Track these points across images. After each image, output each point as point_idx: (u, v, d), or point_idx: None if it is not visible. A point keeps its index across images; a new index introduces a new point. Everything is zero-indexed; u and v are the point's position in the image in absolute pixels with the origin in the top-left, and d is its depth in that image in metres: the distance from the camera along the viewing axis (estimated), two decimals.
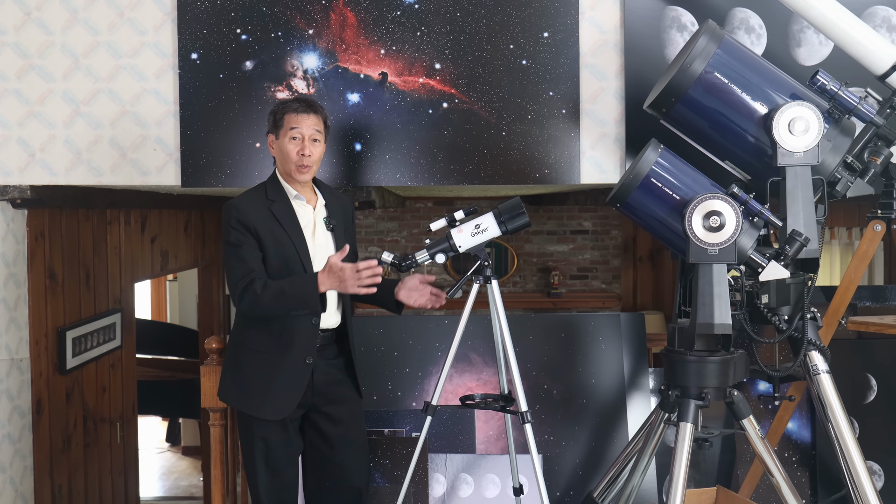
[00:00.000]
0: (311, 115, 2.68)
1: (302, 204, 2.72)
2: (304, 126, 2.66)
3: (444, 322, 3.43)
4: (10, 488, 3.57)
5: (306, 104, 2.70)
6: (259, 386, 2.67)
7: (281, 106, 2.71)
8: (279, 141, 2.69)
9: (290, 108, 2.68)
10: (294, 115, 2.67)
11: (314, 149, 2.68)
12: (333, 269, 2.55)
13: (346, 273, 2.53)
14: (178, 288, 9.57)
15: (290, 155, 2.66)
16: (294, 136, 2.66)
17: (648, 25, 3.26)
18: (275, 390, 2.66)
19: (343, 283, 2.54)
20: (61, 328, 3.92)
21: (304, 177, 2.68)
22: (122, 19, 3.31)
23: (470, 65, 3.29)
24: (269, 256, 2.65)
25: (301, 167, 2.66)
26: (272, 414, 2.67)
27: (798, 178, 2.44)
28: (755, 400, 3.33)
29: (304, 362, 2.67)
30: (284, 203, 2.69)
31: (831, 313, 2.86)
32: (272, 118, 2.72)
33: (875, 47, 2.64)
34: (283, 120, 2.68)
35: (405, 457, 3.21)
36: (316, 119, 2.69)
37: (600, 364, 3.38)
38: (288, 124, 2.67)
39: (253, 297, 2.57)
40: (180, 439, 8.00)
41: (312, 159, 2.67)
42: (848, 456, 2.55)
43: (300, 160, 2.66)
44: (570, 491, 3.30)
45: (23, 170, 3.36)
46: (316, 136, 2.68)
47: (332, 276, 2.55)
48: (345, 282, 2.54)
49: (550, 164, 3.32)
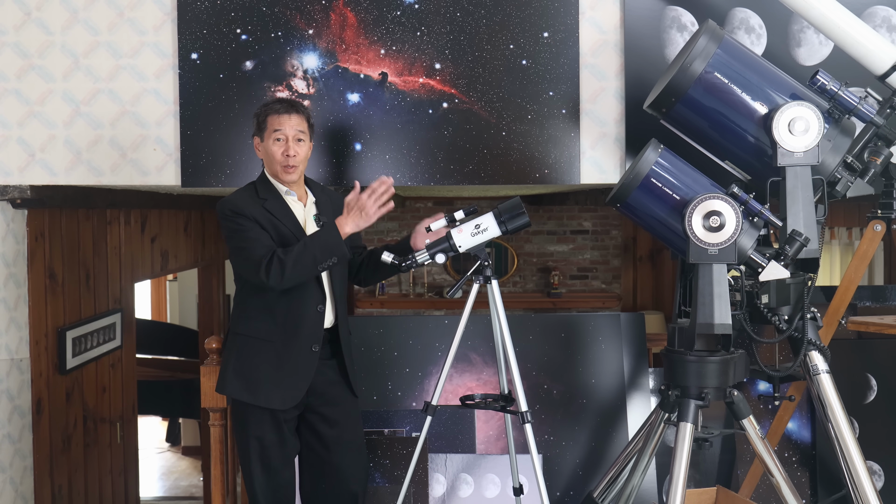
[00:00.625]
0: (293, 116, 2.69)
1: (293, 200, 2.73)
2: (286, 127, 2.67)
3: (444, 322, 3.43)
4: (10, 488, 3.57)
5: (288, 104, 2.71)
6: (266, 375, 2.67)
7: (263, 108, 2.73)
8: (264, 143, 2.71)
9: (272, 110, 2.69)
10: (276, 117, 2.68)
11: (299, 148, 2.68)
12: (351, 205, 2.59)
13: (366, 202, 2.58)
14: (178, 288, 9.57)
15: (275, 156, 2.68)
16: (278, 138, 2.67)
17: (648, 25, 3.26)
18: (282, 379, 2.66)
19: (365, 211, 2.59)
20: (61, 328, 3.92)
21: (290, 177, 2.70)
22: (122, 19, 3.31)
23: (470, 65, 3.29)
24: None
25: (287, 167, 2.67)
26: (280, 403, 2.66)
27: (798, 178, 2.44)
28: (755, 400, 3.33)
29: (311, 350, 2.67)
30: (277, 199, 2.71)
31: (831, 313, 2.86)
32: (256, 121, 2.74)
33: (875, 47, 2.64)
34: (266, 122, 2.69)
35: (405, 457, 3.21)
36: (299, 119, 2.70)
37: (600, 364, 3.38)
38: (271, 126, 2.68)
39: (279, 266, 2.55)
40: (180, 439, 8.00)
41: (298, 159, 2.68)
42: (848, 456, 2.55)
43: (285, 160, 2.67)
44: (570, 491, 3.30)
45: (23, 170, 3.36)
46: (300, 135, 2.69)
47: (353, 212, 2.59)
48: (366, 209, 2.58)
49: (550, 164, 3.32)
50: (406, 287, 7.91)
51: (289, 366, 2.66)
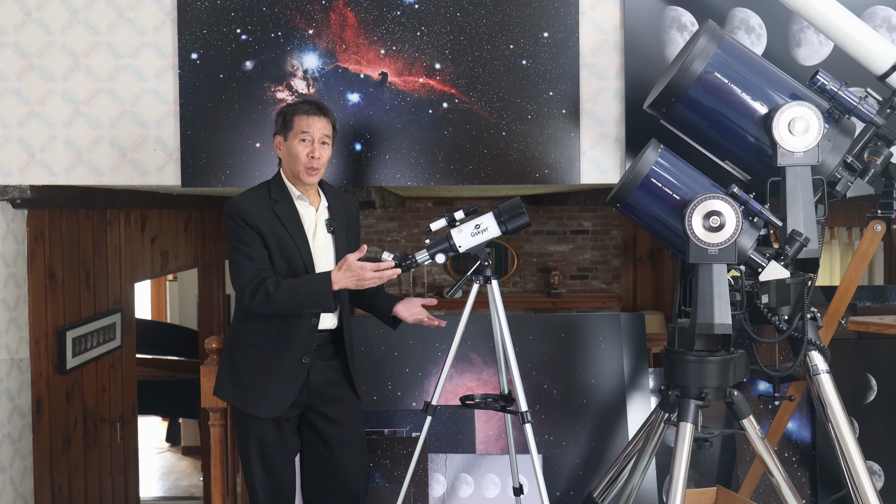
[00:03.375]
0: (321, 118, 2.67)
1: (304, 205, 2.72)
2: (314, 129, 2.65)
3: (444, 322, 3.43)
4: (10, 488, 3.57)
5: (317, 107, 2.69)
6: (254, 383, 2.67)
7: (291, 108, 2.70)
8: (287, 143, 2.68)
9: (301, 111, 2.67)
10: (305, 118, 2.66)
11: (323, 151, 2.67)
12: (352, 268, 2.56)
13: (366, 273, 2.56)
14: (178, 288, 9.57)
15: (299, 157, 2.65)
16: (304, 139, 2.65)
17: (648, 25, 3.26)
18: (270, 388, 2.66)
19: (361, 281, 2.57)
20: (61, 328, 3.92)
21: (311, 179, 2.68)
22: (122, 19, 3.31)
23: (470, 65, 3.29)
24: (273, 255, 2.65)
25: (310, 169, 2.66)
26: (266, 411, 2.67)
27: (798, 178, 2.44)
28: (755, 400, 3.33)
29: (301, 361, 2.67)
30: (287, 203, 2.69)
31: (831, 313, 2.86)
32: (281, 119, 2.71)
33: (875, 47, 2.64)
34: (293, 122, 2.67)
35: (405, 457, 3.21)
36: (325, 122, 2.68)
37: (600, 364, 3.38)
38: (298, 126, 2.66)
39: (265, 297, 2.57)
40: (180, 439, 8.00)
41: (321, 162, 2.67)
42: (848, 456, 2.55)
43: (309, 162, 2.65)
44: (570, 491, 3.30)
45: (23, 170, 3.36)
46: (325, 139, 2.68)
47: (350, 273, 2.56)
48: (363, 279, 2.56)
49: (550, 164, 3.32)
50: (406, 287, 7.91)
51: (277, 375, 2.66)
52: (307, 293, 2.57)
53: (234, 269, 2.65)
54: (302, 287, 2.58)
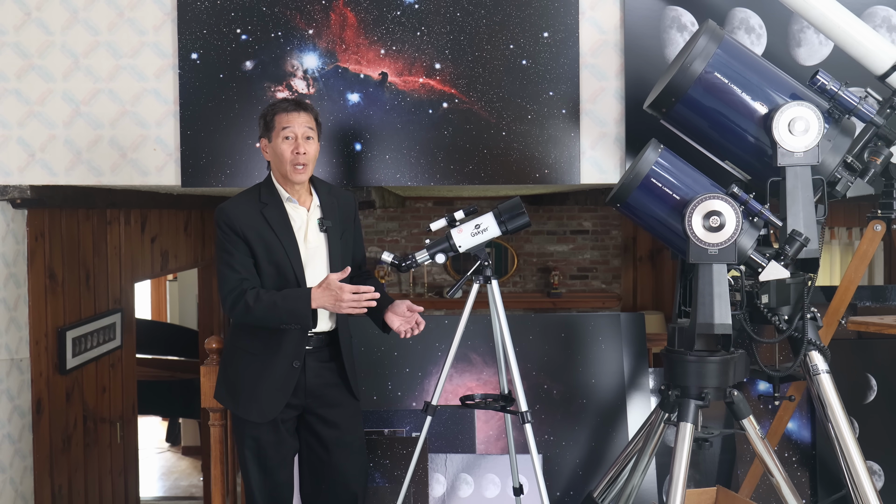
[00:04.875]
0: (301, 114, 2.66)
1: (294, 206, 2.69)
2: (295, 124, 2.64)
3: (444, 322, 3.43)
4: (10, 488, 3.57)
5: (295, 103, 2.68)
6: (246, 387, 2.68)
7: (270, 108, 2.69)
8: (272, 143, 2.66)
9: (280, 109, 2.66)
10: (285, 115, 2.64)
11: (308, 147, 2.65)
12: (331, 287, 2.54)
13: (345, 294, 2.53)
14: (178, 288, 9.57)
15: (284, 155, 2.63)
16: (287, 136, 2.63)
17: (648, 25, 3.26)
18: (261, 392, 2.66)
19: (338, 304, 2.54)
20: (61, 328, 3.92)
21: (300, 177, 2.65)
22: (122, 19, 3.31)
23: (470, 65, 3.29)
24: (260, 262, 2.64)
25: (297, 166, 2.63)
26: (258, 416, 2.67)
27: (798, 178, 2.44)
28: (755, 400, 3.33)
29: (292, 366, 2.66)
30: (277, 206, 2.67)
31: (831, 313, 2.86)
32: (263, 122, 2.69)
33: (875, 47, 2.64)
34: (274, 121, 2.65)
35: (405, 457, 3.21)
36: (307, 117, 2.67)
37: (600, 364, 3.38)
38: (280, 125, 2.64)
39: (244, 308, 2.57)
40: (180, 439, 8.00)
41: (308, 157, 2.64)
42: (848, 456, 2.55)
43: (295, 158, 2.62)
44: (570, 491, 3.30)
45: (23, 170, 3.36)
46: (309, 133, 2.66)
47: (329, 293, 2.54)
48: (341, 302, 2.53)
49: (550, 164, 3.32)
50: (406, 287, 7.91)
51: (269, 379, 2.66)
52: (286, 309, 2.56)
53: (218, 275, 2.65)
54: (282, 303, 2.56)
